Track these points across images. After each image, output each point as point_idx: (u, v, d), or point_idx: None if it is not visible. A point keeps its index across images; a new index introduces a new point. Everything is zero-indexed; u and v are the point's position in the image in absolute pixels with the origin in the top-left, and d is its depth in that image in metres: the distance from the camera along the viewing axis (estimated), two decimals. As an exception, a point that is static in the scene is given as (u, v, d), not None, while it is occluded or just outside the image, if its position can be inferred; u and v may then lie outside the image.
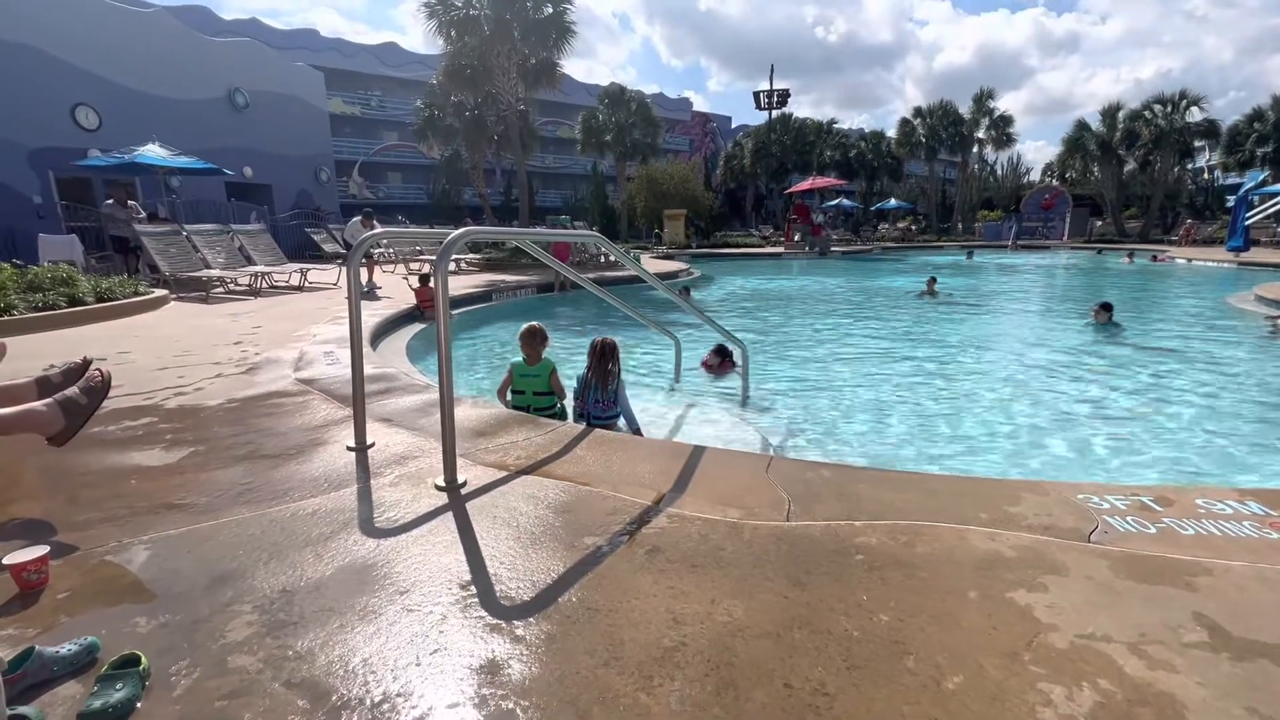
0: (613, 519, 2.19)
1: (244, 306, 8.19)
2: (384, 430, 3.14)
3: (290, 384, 4.11)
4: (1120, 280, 15.69)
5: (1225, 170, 34.88)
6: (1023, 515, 2.16)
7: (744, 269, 19.13)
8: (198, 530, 2.12)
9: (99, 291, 7.28)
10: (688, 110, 52.30)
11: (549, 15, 15.85)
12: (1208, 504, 2.23)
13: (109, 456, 2.81)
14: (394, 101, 39.98)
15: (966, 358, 6.94)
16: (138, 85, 16.69)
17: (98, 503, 2.33)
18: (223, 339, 5.76)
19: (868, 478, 2.60)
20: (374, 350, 5.63)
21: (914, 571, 1.83)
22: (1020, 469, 3.86)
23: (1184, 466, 3.84)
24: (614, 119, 31.98)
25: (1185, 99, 30.72)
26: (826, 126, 42.32)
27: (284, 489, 2.44)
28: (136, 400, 3.73)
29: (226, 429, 3.20)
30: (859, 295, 13.03)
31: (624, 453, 2.87)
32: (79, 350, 5.09)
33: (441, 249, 2.32)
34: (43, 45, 14.85)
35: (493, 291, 10.39)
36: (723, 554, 1.95)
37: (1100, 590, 1.73)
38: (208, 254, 10.06)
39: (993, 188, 44.32)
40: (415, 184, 40.33)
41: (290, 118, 21.20)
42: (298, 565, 1.88)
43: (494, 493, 2.42)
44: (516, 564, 1.90)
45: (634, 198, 28.60)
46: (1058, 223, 33.30)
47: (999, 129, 35.58)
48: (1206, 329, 8.42)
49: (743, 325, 9.08)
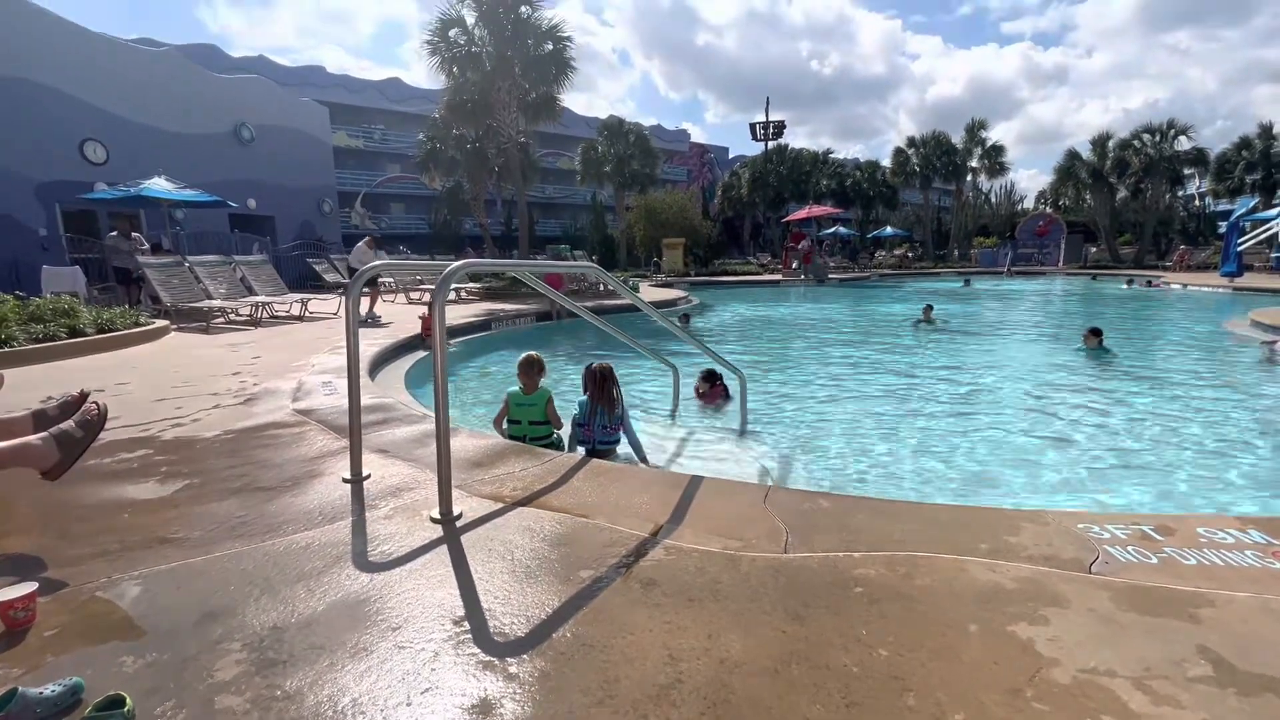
0: (609, 551, 2.17)
1: (244, 337, 8.22)
2: (380, 461, 3.13)
3: (288, 415, 4.10)
4: (1118, 306, 15.78)
5: (1216, 197, 35.45)
6: (1023, 545, 2.14)
7: (742, 297, 19.25)
8: (190, 565, 2.09)
9: (100, 323, 7.31)
10: (685, 141, 53.26)
11: (549, 52, 16.26)
12: (1209, 533, 2.21)
13: (103, 490, 2.80)
14: (396, 134, 40.75)
15: (963, 385, 6.94)
16: (146, 120, 17.05)
17: (90, 537, 2.31)
18: (222, 369, 5.77)
19: (866, 507, 2.58)
20: (373, 380, 5.63)
21: (913, 604, 1.81)
22: (1018, 497, 3.83)
23: (1182, 494, 3.81)
24: (613, 150, 32.58)
25: (1173, 128, 31.37)
26: (822, 156, 43.08)
27: (278, 522, 2.43)
28: (133, 432, 3.72)
29: (222, 461, 3.19)
30: (857, 323, 13.09)
31: (621, 483, 2.86)
32: (78, 381, 5.10)
33: (440, 281, 2.35)
34: (55, 83, 15.21)
35: (492, 320, 10.44)
36: (720, 587, 1.92)
37: (1103, 623, 1.70)
38: (209, 285, 10.15)
39: (987, 215, 44.90)
40: (417, 214, 40.84)
41: (295, 151, 21.59)
42: (289, 601, 1.86)
43: (489, 525, 2.40)
44: (511, 598, 1.87)
45: (633, 227, 28.95)
46: (1053, 249, 33.68)
47: (991, 158, 36.24)
48: (1204, 354, 8.44)
49: (741, 353, 9.10)
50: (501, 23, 15.55)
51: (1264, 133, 31.90)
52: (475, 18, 15.77)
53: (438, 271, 2.43)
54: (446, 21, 15.73)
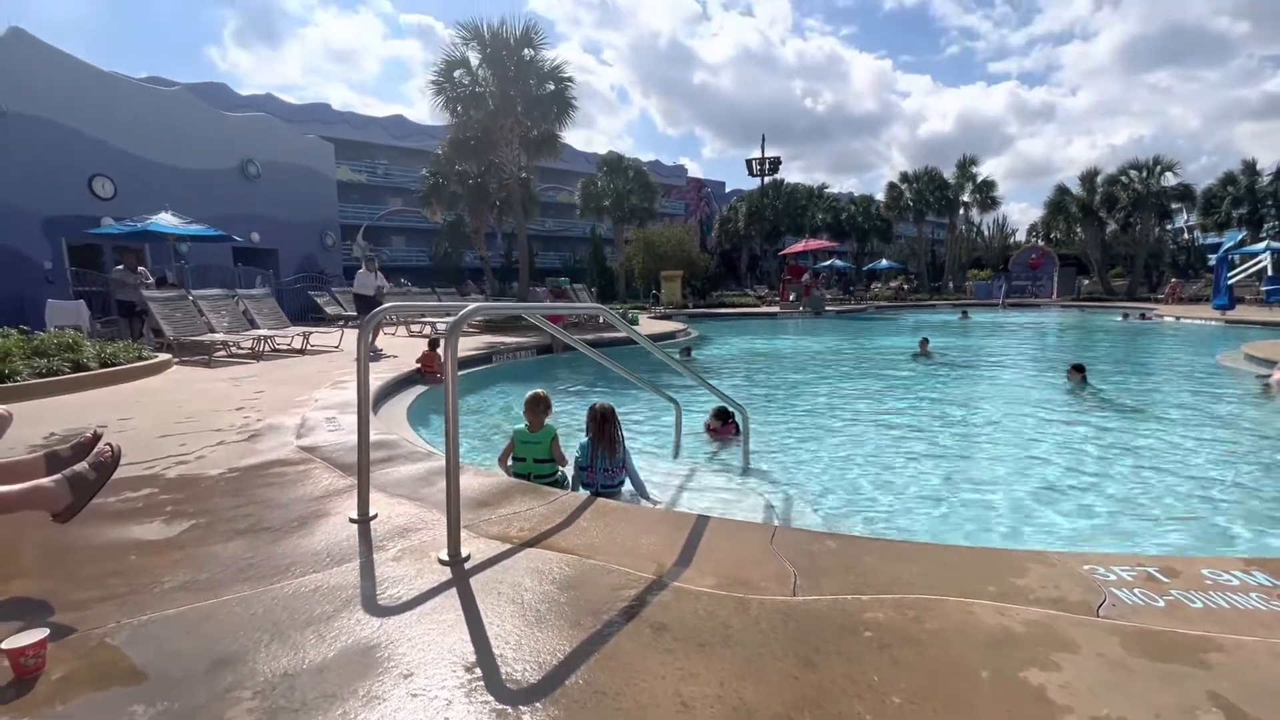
0: (618, 595, 2.17)
1: (246, 370, 8.24)
2: (386, 500, 3.13)
3: (292, 452, 4.11)
4: (1114, 339, 15.93)
5: (1204, 230, 36.10)
6: (1030, 588, 2.15)
7: (740, 329, 19.39)
8: (198, 609, 2.09)
9: (103, 357, 7.34)
10: (683, 176, 54.28)
11: (551, 92, 16.73)
12: (1214, 574, 2.23)
13: (109, 530, 2.79)
14: (399, 169, 41.51)
15: (961, 421, 6.97)
16: (154, 156, 17.39)
17: (97, 580, 2.30)
18: (225, 404, 5.78)
19: (873, 548, 2.59)
20: (375, 415, 5.65)
21: (924, 649, 1.81)
22: (1019, 535, 3.83)
23: (1183, 533, 3.82)
24: (612, 185, 33.16)
25: (1159, 164, 32.13)
26: (818, 191, 43.88)
27: (286, 564, 2.42)
28: (137, 470, 3.72)
29: (228, 500, 3.19)
30: (854, 356, 13.18)
31: (627, 523, 2.86)
32: (81, 416, 5.12)
33: (452, 325, 2.40)
34: (68, 120, 15.56)
35: (493, 353, 10.50)
36: (730, 632, 1.93)
37: (1113, 669, 1.71)
38: (212, 318, 10.21)
39: (981, 248, 45.60)
40: (418, 246, 41.32)
41: (299, 186, 21.95)
42: (300, 646, 1.85)
43: (498, 567, 2.40)
44: (522, 643, 1.87)
45: (631, 259, 29.31)
46: (1046, 281, 34.11)
47: (983, 192, 36.98)
48: (1199, 388, 8.50)
49: (742, 388, 9.14)
50: (505, 64, 16.03)
51: (1248, 168, 32.72)
52: (479, 59, 16.25)
53: (442, 311, 2.48)
54: (451, 63, 16.21)
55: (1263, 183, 32.36)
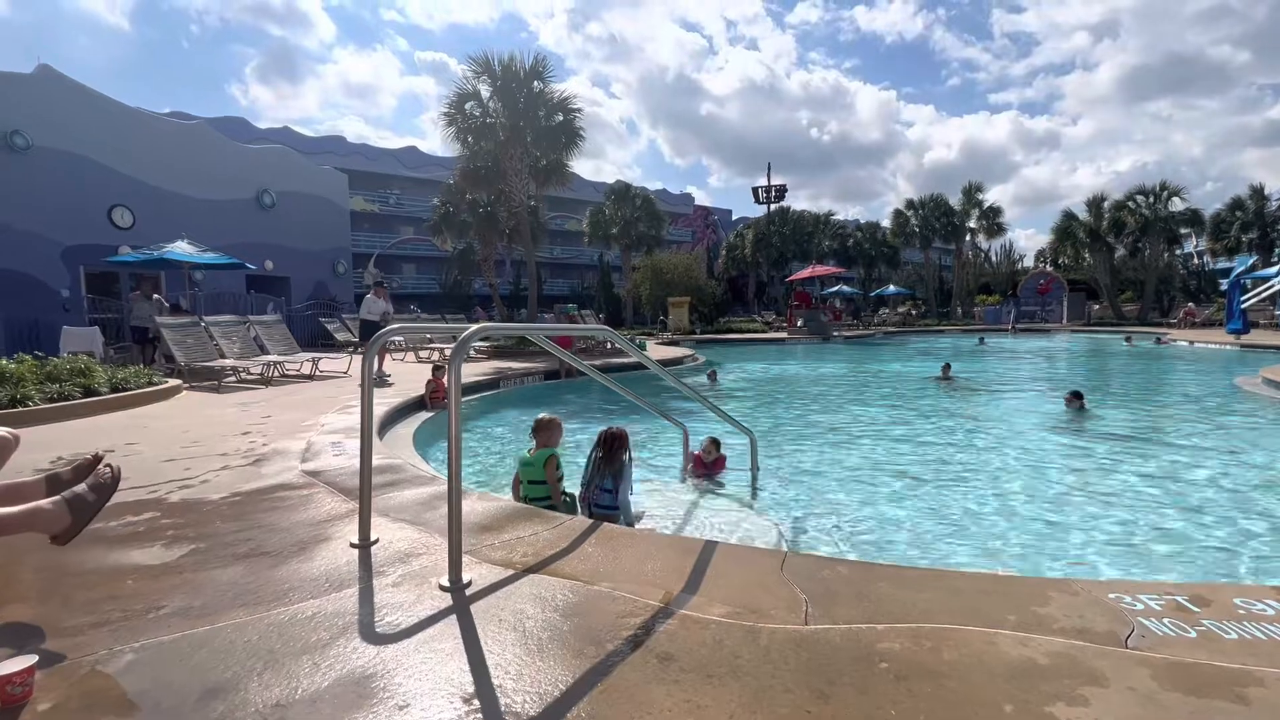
0: (623, 622, 2.10)
1: (255, 396, 8.27)
2: (388, 525, 3.08)
3: (296, 476, 4.08)
4: (1131, 363, 15.73)
5: (1214, 255, 35.93)
6: (1053, 617, 2.06)
7: (748, 354, 19.33)
8: (192, 636, 2.03)
9: (114, 382, 7.39)
10: (690, 204, 54.92)
11: (560, 123, 17.03)
12: (1247, 604, 2.13)
13: (107, 555, 2.76)
14: (411, 199, 42.30)
15: (977, 445, 6.84)
16: (174, 187, 17.83)
17: (91, 605, 2.26)
18: (232, 429, 5.78)
19: (887, 575, 2.50)
20: (380, 440, 5.62)
21: (943, 681, 1.73)
22: (1038, 561, 3.71)
23: (1209, 560, 3.68)
24: (620, 213, 33.60)
25: (1166, 190, 32.16)
26: (824, 218, 44.19)
27: (284, 590, 2.37)
28: (140, 494, 3.70)
29: (229, 525, 3.15)
30: (864, 381, 13.07)
31: (633, 549, 2.79)
32: (90, 441, 5.13)
33: (456, 346, 2.38)
34: (91, 153, 16.02)
35: (500, 378, 10.49)
36: (739, 662, 1.85)
37: (1145, 703, 1.62)
38: (223, 344, 10.31)
39: (988, 273, 45.55)
40: (428, 274, 41.84)
41: (313, 215, 22.38)
42: (294, 675, 1.79)
43: (499, 593, 2.33)
44: (523, 674, 1.80)
45: (639, 286, 29.47)
46: (1055, 306, 33.94)
47: (989, 219, 37.04)
48: (1220, 413, 8.33)
49: (750, 412, 9.06)
50: (515, 96, 16.36)
51: (1255, 194, 32.70)
52: (490, 92, 16.60)
53: (448, 332, 2.46)
54: (463, 95, 16.57)
55: (1271, 207, 32.29)
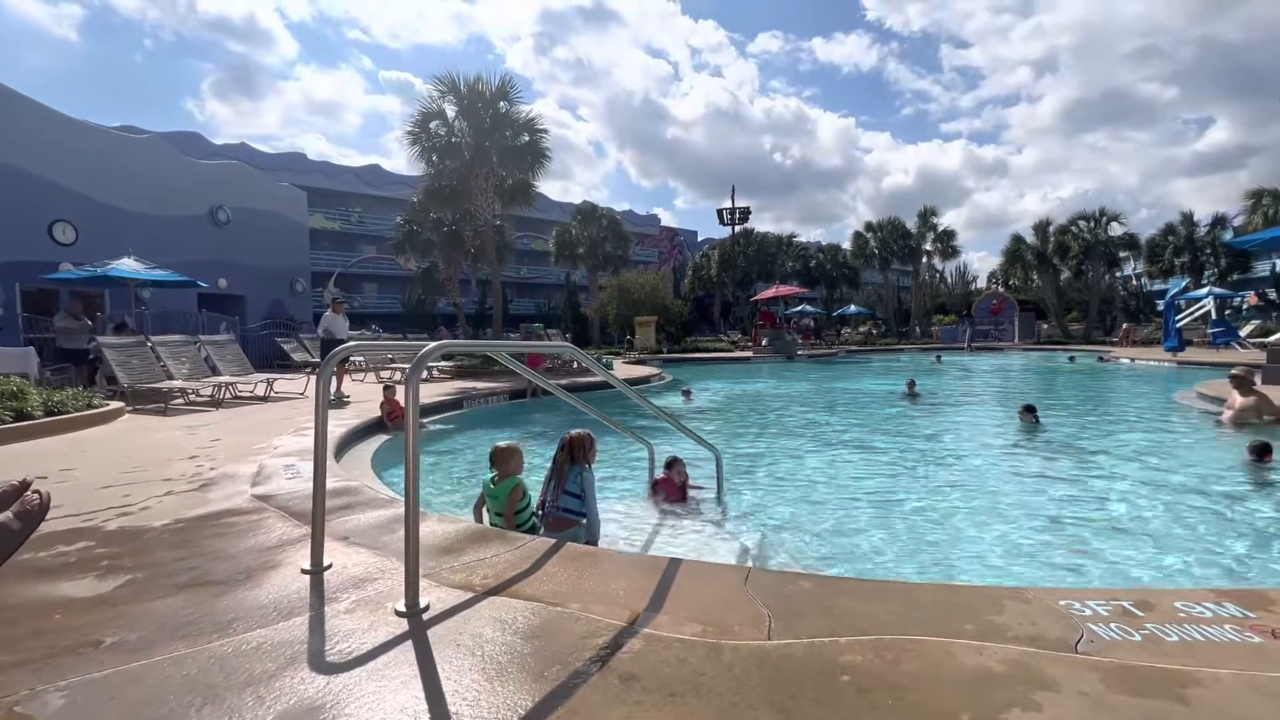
0: (585, 643, 2.06)
1: (204, 418, 7.93)
2: (343, 549, 2.97)
3: (245, 501, 3.91)
4: (1079, 380, 16.40)
5: (1150, 278, 38.08)
6: (1007, 625, 2.11)
7: (714, 373, 19.48)
8: (124, 672, 1.91)
9: (49, 405, 7.00)
10: (656, 225, 55.52)
11: (526, 143, 17.07)
12: (1186, 607, 2.21)
13: (34, 588, 2.58)
14: (374, 217, 41.65)
15: (937, 458, 7.01)
16: (120, 203, 17.16)
17: (14, 643, 2.10)
18: (177, 453, 5.52)
19: (849, 589, 2.52)
20: (338, 462, 5.44)
21: (903, 693, 1.74)
22: (993, 570, 3.80)
23: (1155, 565, 3.83)
24: (586, 234, 33.73)
25: (1105, 215, 34.05)
26: (787, 240, 45.22)
27: (228, 620, 2.25)
28: (73, 522, 3.48)
29: (170, 553, 2.99)
30: (828, 398, 13.30)
31: (596, 568, 2.76)
32: (21, 466, 4.82)
33: (414, 363, 2.33)
34: (31, 166, 15.34)
35: (464, 398, 10.31)
36: (703, 680, 1.83)
37: (1095, 707, 1.66)
38: (171, 365, 9.87)
39: (944, 294, 47.24)
40: (390, 294, 41.11)
41: (270, 233, 21.82)
42: (235, 710, 1.70)
43: (458, 617, 2.27)
44: (480, 699, 1.75)
45: (605, 306, 29.51)
46: (1008, 326, 35.32)
47: (944, 242, 38.52)
48: (1159, 426, 8.74)
49: (715, 431, 9.10)
50: (481, 116, 16.36)
51: (1186, 220, 34.92)
52: (456, 111, 16.57)
53: (409, 350, 2.42)
54: (428, 114, 16.48)
55: (1200, 233, 34.48)
